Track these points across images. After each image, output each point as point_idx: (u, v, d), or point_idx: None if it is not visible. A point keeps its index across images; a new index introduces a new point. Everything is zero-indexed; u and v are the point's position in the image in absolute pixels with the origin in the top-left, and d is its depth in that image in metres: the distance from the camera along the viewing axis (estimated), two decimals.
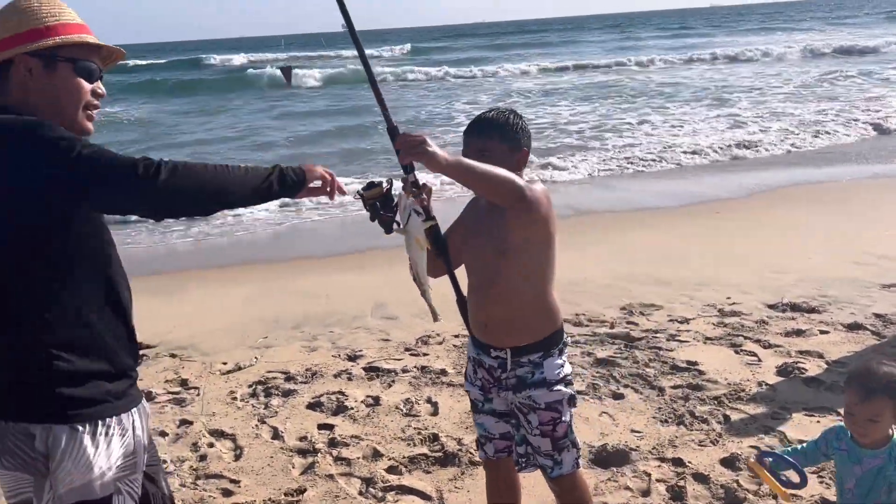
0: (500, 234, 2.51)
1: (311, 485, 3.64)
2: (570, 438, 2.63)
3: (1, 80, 1.89)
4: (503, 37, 77.99)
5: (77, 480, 1.84)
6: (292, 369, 5.05)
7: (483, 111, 2.65)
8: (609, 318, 5.74)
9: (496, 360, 2.60)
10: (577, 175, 12.22)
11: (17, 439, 1.82)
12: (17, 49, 1.86)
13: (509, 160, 2.48)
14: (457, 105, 22.81)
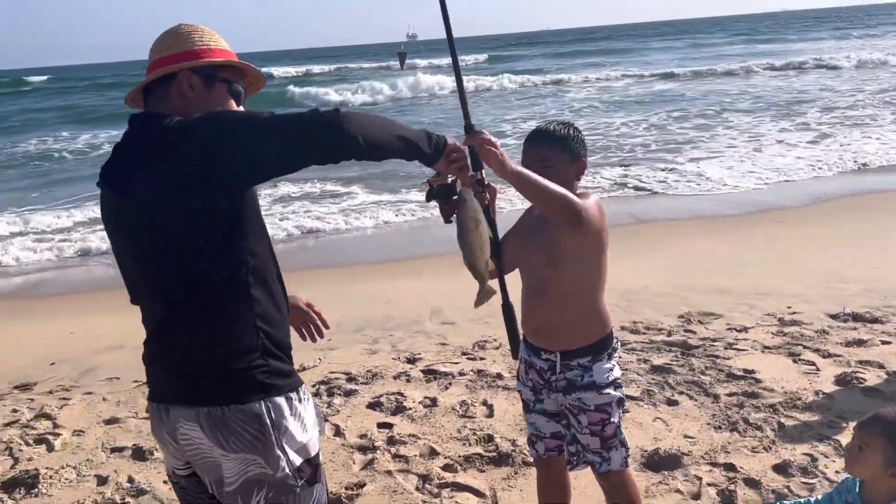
0: (552, 245, 2.60)
1: (370, 480, 3.79)
2: (619, 438, 2.71)
3: (163, 93, 2.04)
4: (572, 44, 77.45)
5: (298, 443, 2.00)
6: (354, 370, 5.22)
7: (543, 122, 2.76)
8: (667, 326, 5.77)
9: (546, 363, 2.70)
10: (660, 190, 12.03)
11: (244, 421, 1.92)
12: (181, 65, 2.02)
13: (570, 170, 2.60)
14: (508, 116, 22.90)
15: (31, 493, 3.83)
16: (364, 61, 68.14)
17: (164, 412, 2.02)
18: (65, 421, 4.70)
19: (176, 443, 2.02)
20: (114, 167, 1.98)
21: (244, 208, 1.93)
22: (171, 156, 1.86)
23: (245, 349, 1.95)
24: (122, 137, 2.02)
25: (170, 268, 1.92)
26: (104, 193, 2.03)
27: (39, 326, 6.94)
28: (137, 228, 1.94)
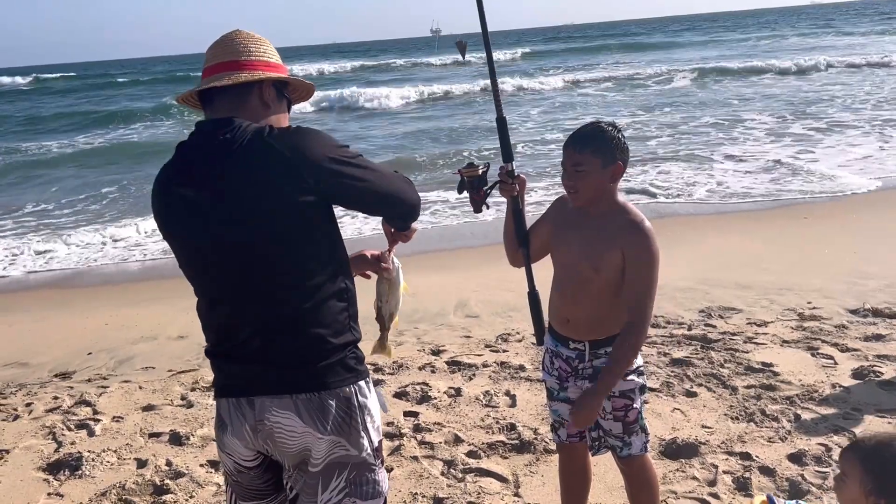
0: (599, 257, 2.65)
1: (397, 465, 3.93)
2: (641, 424, 2.82)
3: (241, 96, 2.12)
4: (601, 38, 75.58)
5: (376, 422, 2.17)
6: (380, 361, 5.37)
7: (584, 124, 2.77)
8: (687, 320, 5.87)
9: (574, 352, 2.81)
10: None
11: (340, 404, 2.07)
12: (270, 74, 2.14)
13: (602, 174, 2.62)
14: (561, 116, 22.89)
15: (75, 475, 4.02)
16: (393, 56, 67.96)
17: (246, 405, 2.08)
18: (104, 407, 4.90)
19: (255, 434, 2.09)
20: (195, 167, 2.03)
21: (333, 218, 2.12)
22: (287, 163, 1.96)
23: (341, 338, 2.10)
24: (193, 138, 2.09)
25: (275, 264, 2.01)
26: (177, 192, 2.06)
27: (77, 317, 7.17)
28: (236, 224, 1.98)
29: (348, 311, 2.15)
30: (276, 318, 2.05)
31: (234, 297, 2.07)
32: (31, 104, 37.25)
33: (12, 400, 5.16)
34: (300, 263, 2.04)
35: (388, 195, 2.21)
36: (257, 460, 2.19)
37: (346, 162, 2.07)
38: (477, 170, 2.92)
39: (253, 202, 1.97)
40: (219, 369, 2.18)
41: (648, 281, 2.61)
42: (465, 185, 2.93)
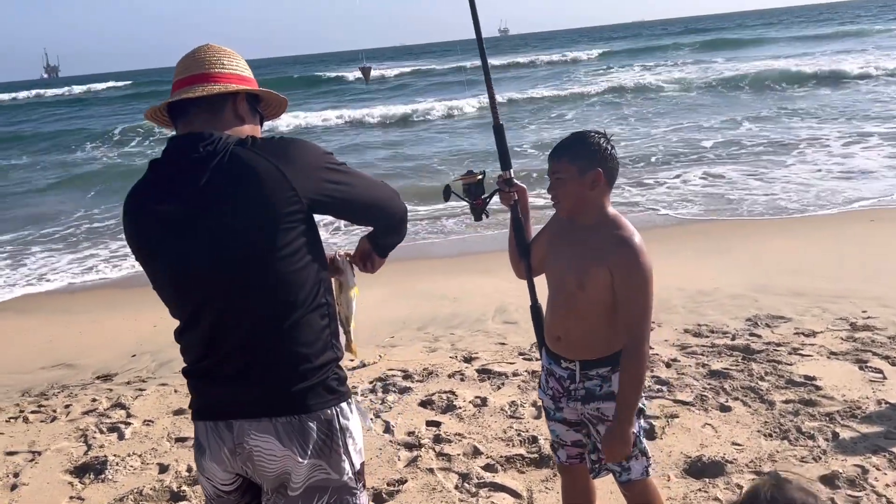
0: (584, 273, 2.56)
1: (412, 477, 3.88)
2: (640, 448, 2.69)
3: (213, 110, 2.08)
4: (675, 36, 71.88)
5: (357, 445, 2.10)
6: (411, 368, 5.33)
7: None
8: (732, 329, 5.65)
9: (566, 371, 2.70)
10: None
11: (321, 427, 2.00)
12: (248, 87, 2.13)
13: (581, 182, 2.53)
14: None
15: (98, 479, 4.09)
16: (458, 58, 67.74)
17: (224, 428, 2.02)
18: (137, 411, 4.99)
19: (234, 457, 2.03)
20: (175, 182, 1.97)
21: (317, 229, 2.06)
22: (273, 174, 1.91)
23: (322, 357, 2.03)
24: (168, 154, 2.03)
25: (258, 279, 1.94)
26: (156, 210, 1.99)
27: (128, 319, 7.33)
28: (215, 239, 1.93)
29: (329, 328, 2.09)
30: (257, 335, 1.99)
31: (215, 313, 2.01)
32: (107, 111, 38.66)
33: (53, 401, 5.30)
34: (283, 278, 1.97)
35: (374, 203, 2.18)
36: (235, 483, 2.14)
37: (333, 169, 2.04)
38: (475, 177, 2.89)
39: (239, 215, 1.92)
40: (196, 390, 2.12)
41: (642, 301, 2.49)
42: (462, 193, 2.89)
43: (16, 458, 4.42)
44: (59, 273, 9.59)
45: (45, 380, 5.81)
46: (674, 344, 5.43)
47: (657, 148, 15.37)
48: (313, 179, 1.98)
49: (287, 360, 2.00)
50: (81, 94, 58.80)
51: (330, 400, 2.04)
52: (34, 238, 11.86)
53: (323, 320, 2.06)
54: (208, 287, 1.98)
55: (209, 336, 2.03)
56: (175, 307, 2.09)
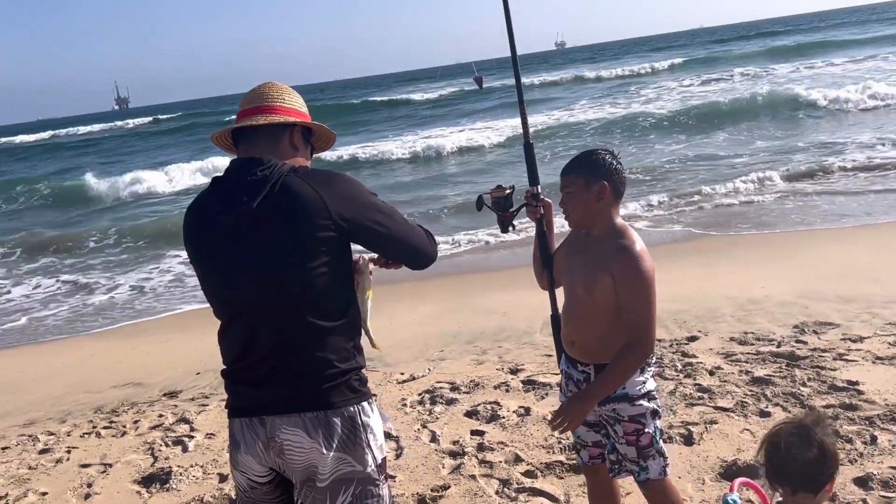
0: (590, 279, 2.72)
1: (455, 483, 4.04)
2: (657, 448, 2.82)
3: (273, 138, 2.36)
4: (754, 40, 67.12)
5: (379, 441, 2.30)
6: (458, 380, 5.50)
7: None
8: (778, 336, 5.67)
9: (583, 374, 2.85)
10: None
11: (344, 423, 2.22)
12: (300, 120, 2.40)
13: (587, 194, 2.70)
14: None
15: (163, 488, 4.37)
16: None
17: (258, 424, 2.24)
18: (200, 425, 5.27)
19: (267, 451, 2.27)
20: (235, 197, 2.20)
21: (351, 255, 2.34)
22: (315, 201, 2.16)
23: (347, 361, 2.27)
24: (229, 173, 2.30)
25: (294, 294, 2.18)
26: (216, 219, 2.24)
27: (195, 340, 7.67)
28: (267, 251, 2.17)
29: (355, 344, 2.33)
30: (288, 345, 2.23)
31: (252, 321, 2.25)
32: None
33: (123, 417, 5.64)
34: (317, 295, 2.22)
35: (405, 244, 2.41)
36: (269, 476, 2.35)
37: (372, 205, 2.29)
38: (504, 191, 3.08)
39: (283, 234, 2.17)
40: (232, 391, 2.36)
41: (641, 304, 2.62)
42: (491, 205, 3.07)
43: (89, 470, 4.74)
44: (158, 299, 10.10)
45: (116, 398, 6.16)
46: (718, 352, 5.48)
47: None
48: (351, 210, 2.23)
49: (314, 366, 2.22)
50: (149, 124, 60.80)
51: (352, 398, 2.26)
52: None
53: (349, 335, 2.31)
54: (249, 295, 2.23)
55: (246, 340, 2.27)
56: (218, 309, 2.34)
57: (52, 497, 4.44)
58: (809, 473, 2.05)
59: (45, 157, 42.90)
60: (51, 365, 7.59)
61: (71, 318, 9.60)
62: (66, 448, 5.14)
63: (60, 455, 5.03)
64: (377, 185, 17.07)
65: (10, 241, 15.44)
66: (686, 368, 5.22)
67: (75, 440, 5.29)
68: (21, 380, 7.13)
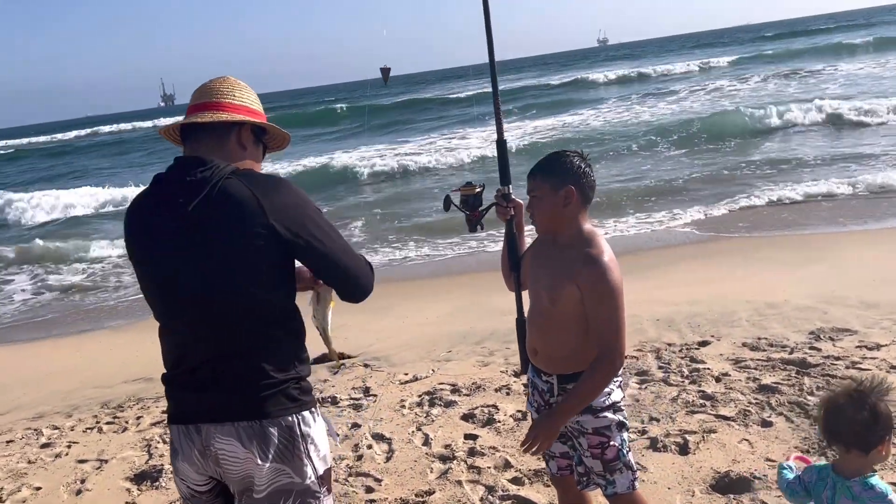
0: (555, 288, 2.62)
1: (440, 488, 3.96)
2: (623, 461, 2.70)
3: (218, 136, 2.28)
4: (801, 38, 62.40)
5: (321, 451, 2.24)
6: (460, 382, 5.42)
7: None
8: (792, 342, 5.48)
9: (546, 384, 2.75)
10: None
11: (282, 433, 2.15)
12: (254, 119, 2.32)
13: (554, 199, 2.59)
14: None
15: (153, 486, 4.36)
16: (550, 72, 66.24)
17: (194, 432, 2.18)
18: None
19: (204, 459, 2.21)
20: (169, 199, 2.16)
21: (292, 261, 2.24)
22: (254, 206, 2.09)
23: (285, 371, 2.20)
24: (170, 172, 2.22)
25: (231, 296, 2.12)
26: (150, 221, 2.19)
27: None
28: (201, 255, 2.11)
29: (296, 353, 2.26)
30: (225, 351, 2.17)
31: (188, 326, 2.20)
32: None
33: (127, 413, 5.67)
34: (253, 303, 2.15)
35: (339, 267, 2.28)
36: (209, 485, 2.29)
37: (311, 220, 2.20)
38: (473, 188, 2.98)
39: (216, 238, 2.10)
40: (171, 396, 2.30)
41: (608, 315, 2.51)
42: (459, 203, 2.98)
43: (85, 466, 4.76)
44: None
45: (124, 393, 6.20)
46: (728, 358, 5.32)
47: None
48: (289, 219, 2.14)
49: (251, 373, 2.16)
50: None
51: (291, 408, 2.19)
52: None
53: (290, 344, 2.24)
54: (184, 300, 2.17)
55: (182, 345, 2.23)
56: (157, 312, 2.29)
57: (44, 492, 4.46)
58: (861, 433, 2.22)
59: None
60: (68, 359, 7.70)
61: (92, 312, 9.75)
62: (68, 443, 5.18)
63: (61, 450, 5.07)
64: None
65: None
66: (692, 374, 5.07)
67: (77, 435, 5.33)
68: (37, 374, 7.23)
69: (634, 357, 5.55)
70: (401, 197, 16.75)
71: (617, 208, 12.09)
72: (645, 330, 6.19)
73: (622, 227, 11.02)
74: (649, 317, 6.51)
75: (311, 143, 30.91)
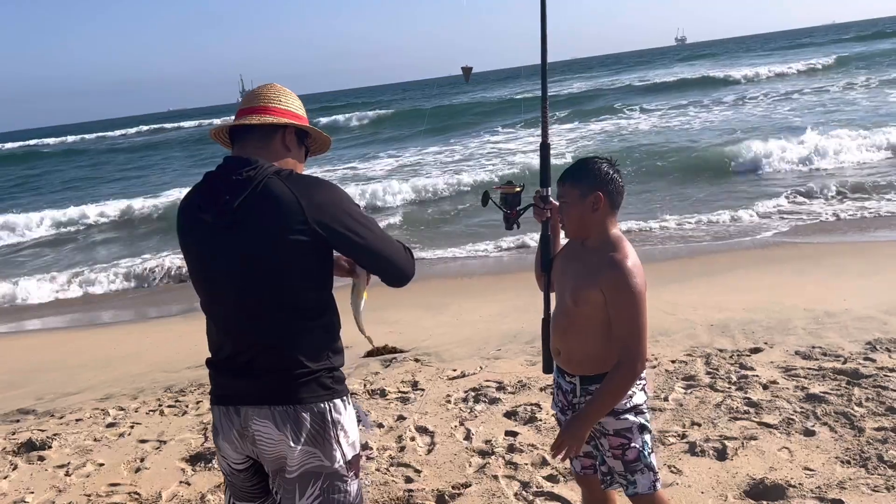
0: (578, 289, 2.68)
1: (476, 482, 4.06)
2: (645, 462, 2.75)
3: (265, 138, 2.43)
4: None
5: (350, 438, 2.37)
6: (506, 380, 5.50)
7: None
8: (846, 352, 5.39)
9: (569, 385, 2.81)
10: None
11: (314, 418, 2.29)
12: (294, 122, 2.47)
13: (582, 205, 2.65)
14: None
15: (206, 467, 4.57)
16: (627, 71, 64.88)
17: (234, 413, 2.34)
18: None
19: (242, 439, 2.38)
20: (218, 196, 2.31)
21: (330, 258, 2.38)
22: (293, 204, 2.23)
23: (318, 361, 2.34)
24: (219, 170, 2.37)
25: (267, 290, 2.26)
26: (199, 216, 2.33)
27: None
28: (243, 250, 2.25)
29: (329, 345, 2.38)
30: (261, 341, 2.32)
31: (230, 316, 2.36)
32: None
33: (189, 397, 5.93)
34: (290, 296, 2.30)
35: (380, 257, 2.41)
36: (246, 464, 2.46)
37: (348, 215, 2.33)
38: (514, 188, 3.04)
39: (259, 235, 2.25)
40: (213, 380, 2.47)
41: (631, 319, 2.57)
42: (498, 201, 3.05)
43: (145, 446, 5.02)
44: None
45: (188, 378, 6.48)
46: (779, 366, 5.26)
47: None
48: (327, 216, 2.28)
49: (285, 363, 2.31)
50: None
51: (323, 395, 2.33)
52: None
53: (324, 336, 2.38)
54: (225, 292, 2.34)
55: (225, 333, 2.38)
56: (203, 303, 2.45)
57: (106, 468, 4.73)
58: None
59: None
60: (140, 344, 8.06)
61: (166, 299, 10.16)
62: (131, 423, 5.46)
63: (124, 429, 5.35)
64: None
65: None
66: (740, 381, 5.04)
67: (141, 416, 5.61)
68: (109, 357, 7.60)
69: (683, 362, 5.54)
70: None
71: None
72: (698, 335, 6.16)
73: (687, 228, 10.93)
74: (703, 322, 6.47)
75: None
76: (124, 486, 4.46)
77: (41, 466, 4.84)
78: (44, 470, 4.78)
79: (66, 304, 11.26)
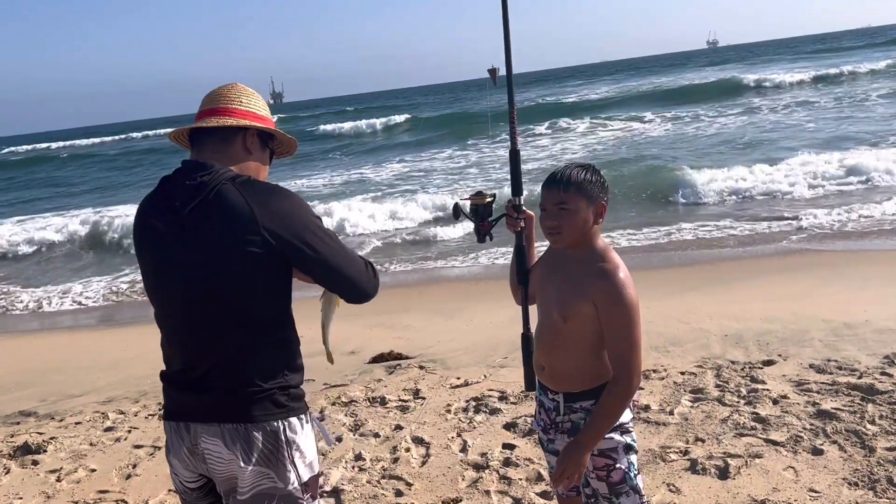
0: (566, 305, 2.55)
1: (467, 497, 3.94)
2: (630, 485, 2.61)
3: (225, 141, 2.32)
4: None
5: (307, 458, 2.26)
6: (509, 390, 5.36)
7: (562, 166, 2.64)
8: (863, 366, 5.19)
9: (552, 403, 2.68)
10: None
11: (266, 437, 2.18)
12: (260, 124, 2.36)
13: (588, 213, 2.51)
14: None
15: None
16: (654, 74, 64.26)
17: (184, 429, 2.24)
18: None
19: (193, 457, 2.27)
20: (170, 202, 2.19)
21: (286, 272, 2.25)
22: (246, 213, 2.12)
23: (272, 379, 2.22)
24: (174, 174, 2.24)
25: (218, 303, 2.16)
26: (150, 223, 2.24)
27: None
28: (191, 260, 2.15)
29: (285, 363, 2.26)
30: (213, 356, 2.21)
31: (182, 328, 2.26)
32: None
33: None
34: (242, 309, 2.18)
35: (337, 273, 2.28)
36: (199, 482, 2.35)
37: (304, 227, 2.20)
38: (484, 198, 2.92)
39: (209, 244, 2.14)
40: (165, 394, 2.37)
41: (624, 332, 2.43)
42: (469, 213, 2.93)
43: (139, 452, 4.96)
44: None
45: None
46: (791, 380, 5.07)
47: None
48: (281, 227, 2.15)
49: (237, 379, 2.19)
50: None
51: (277, 413, 2.21)
52: None
53: (280, 353, 2.25)
54: (177, 303, 2.23)
55: (175, 346, 2.29)
56: (155, 313, 2.35)
57: (98, 474, 4.67)
58: None
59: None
60: (146, 345, 8.01)
61: None
62: (129, 428, 5.40)
63: (121, 434, 5.30)
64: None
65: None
66: (749, 395, 4.86)
67: (139, 421, 5.55)
68: (117, 358, 7.57)
69: (693, 374, 5.37)
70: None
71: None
72: (710, 346, 5.98)
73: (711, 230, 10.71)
74: (718, 332, 6.29)
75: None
76: (113, 493, 4.40)
77: (34, 471, 4.80)
78: (35, 475, 4.74)
79: (82, 307, 11.30)
